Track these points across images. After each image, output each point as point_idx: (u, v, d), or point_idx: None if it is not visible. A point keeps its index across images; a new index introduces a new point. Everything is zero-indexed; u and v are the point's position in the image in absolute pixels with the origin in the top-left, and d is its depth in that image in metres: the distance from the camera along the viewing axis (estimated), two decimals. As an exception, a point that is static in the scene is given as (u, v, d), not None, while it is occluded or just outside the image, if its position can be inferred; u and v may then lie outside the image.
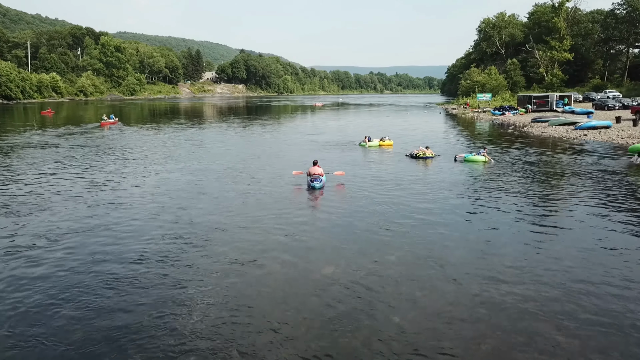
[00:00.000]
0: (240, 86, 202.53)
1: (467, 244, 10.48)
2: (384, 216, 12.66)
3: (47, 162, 21.66)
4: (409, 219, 12.39)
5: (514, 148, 26.18)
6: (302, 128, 42.14)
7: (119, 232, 11.17)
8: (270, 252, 9.90)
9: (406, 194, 15.15)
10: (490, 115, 53.77)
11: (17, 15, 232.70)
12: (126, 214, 12.81)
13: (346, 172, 17.96)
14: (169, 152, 25.15)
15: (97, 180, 17.33)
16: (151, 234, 11.03)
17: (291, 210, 13.40)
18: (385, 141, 27.11)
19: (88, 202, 14.03)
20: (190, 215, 12.57)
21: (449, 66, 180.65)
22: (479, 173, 19.01)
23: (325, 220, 12.53)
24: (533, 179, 17.78)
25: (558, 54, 76.20)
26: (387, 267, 9.16)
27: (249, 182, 17.18)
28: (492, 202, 14.31)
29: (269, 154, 24.90)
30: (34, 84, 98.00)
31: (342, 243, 10.57)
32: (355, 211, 13.22)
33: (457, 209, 13.38)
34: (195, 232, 11.17)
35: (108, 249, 10.09)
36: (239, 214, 12.87)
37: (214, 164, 21.29)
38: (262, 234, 11.09)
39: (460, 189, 16.00)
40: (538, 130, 34.53)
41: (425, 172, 19.60)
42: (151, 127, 42.68)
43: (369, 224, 11.92)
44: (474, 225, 11.89)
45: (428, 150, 22.49)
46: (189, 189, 15.89)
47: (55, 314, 7.27)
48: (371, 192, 15.56)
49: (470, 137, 34.11)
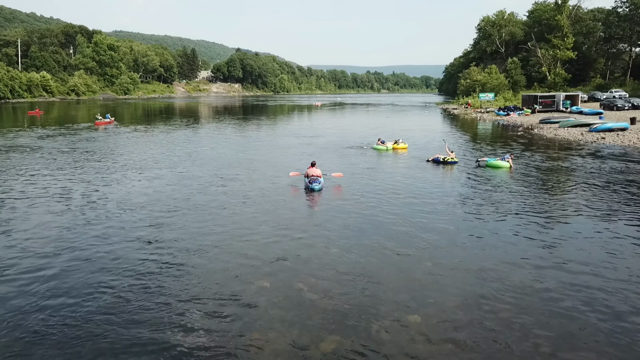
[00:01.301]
0: (236, 85, 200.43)
1: (492, 262, 9.32)
2: (392, 225, 11.78)
3: (27, 166, 20.19)
4: (429, 231, 11.30)
5: (531, 152, 24.26)
6: (304, 130, 39.66)
7: (109, 240, 10.70)
8: (269, 257, 9.62)
9: (421, 202, 14.11)
10: (494, 115, 51.98)
11: (12, 14, 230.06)
12: (118, 219, 12.28)
13: (357, 177, 17.06)
14: (162, 154, 24.22)
15: (83, 185, 16.57)
16: (148, 237, 10.81)
17: (290, 214, 12.94)
18: (400, 144, 25.47)
19: (75, 207, 13.48)
20: (185, 220, 12.18)
21: (447, 65, 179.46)
22: (504, 180, 17.56)
23: (328, 226, 11.73)
24: (561, 189, 16.06)
25: (561, 53, 74.59)
26: (392, 277, 8.77)
27: (246, 186, 16.46)
28: (520, 212, 13.09)
29: (268, 157, 23.27)
30: (24, 83, 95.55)
31: (346, 251, 10.04)
32: (362, 217, 12.43)
33: (482, 221, 12.21)
34: (188, 237, 10.86)
35: (100, 254, 9.80)
36: (235, 216, 12.60)
37: (209, 167, 20.29)
38: (259, 240, 10.69)
39: (483, 197, 14.81)
40: (550, 133, 32.60)
41: (446, 178, 18.20)
42: (143, 127, 41.04)
43: (376, 235, 11.04)
44: (500, 241, 10.65)
45: (452, 154, 20.93)
46: (184, 192, 15.34)
47: (48, 318, 7.17)
48: (380, 198, 14.58)
49: (479, 139, 32.14)
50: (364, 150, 25.35)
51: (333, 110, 77.59)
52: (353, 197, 14.66)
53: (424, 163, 21.12)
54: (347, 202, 14.07)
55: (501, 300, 7.63)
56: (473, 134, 36.37)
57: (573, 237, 10.90)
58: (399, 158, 23.26)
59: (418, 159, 22.37)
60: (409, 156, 23.54)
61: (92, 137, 31.82)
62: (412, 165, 20.88)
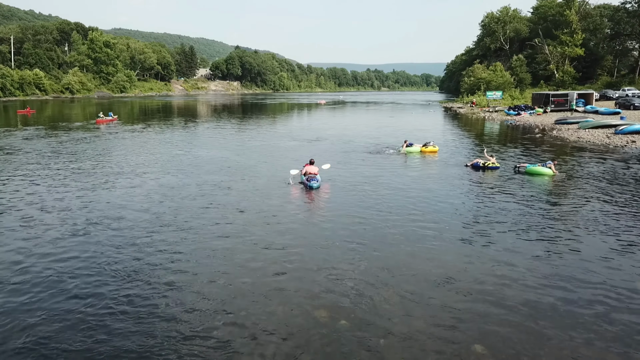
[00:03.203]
0: (235, 83, 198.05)
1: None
2: (425, 238, 10.89)
3: (11, 169, 19.19)
4: (467, 247, 10.21)
5: (559, 157, 21.88)
6: (316, 131, 36.25)
7: (109, 242, 10.45)
8: (271, 258, 9.55)
9: (456, 212, 13.02)
10: (503, 115, 49.71)
11: (10, 11, 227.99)
12: (118, 220, 12.06)
13: (383, 183, 16.40)
14: (159, 154, 23.58)
15: (77, 188, 15.95)
16: (148, 238, 10.67)
17: (295, 215, 12.80)
18: (429, 147, 23.42)
19: (71, 211, 13.04)
20: (185, 220, 11.98)
21: (448, 63, 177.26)
22: (547, 189, 16.10)
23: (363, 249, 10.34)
24: (612, 201, 13.90)
25: (569, 49, 72.36)
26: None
27: (248, 187, 16.10)
28: (570, 225, 11.75)
29: (278, 162, 21.24)
30: (16, 81, 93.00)
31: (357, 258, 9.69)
32: (390, 228, 11.51)
33: (522, 236, 11.01)
34: (187, 238, 10.70)
35: (98, 258, 9.56)
36: (235, 217, 12.44)
37: (209, 168, 19.52)
38: (259, 242, 10.51)
39: (525, 207, 13.56)
40: (571, 135, 30.20)
41: (484, 185, 16.60)
42: (138, 127, 39.13)
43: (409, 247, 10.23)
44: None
45: (493, 159, 19.20)
46: (184, 193, 15.09)
47: (40, 323, 7.04)
48: (410, 206, 13.61)
49: (496, 142, 29.38)
50: (388, 154, 23.36)
51: (337, 109, 75.21)
52: (376, 206, 13.55)
53: (460, 168, 19.54)
54: (367, 210, 13.09)
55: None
56: (488, 136, 33.85)
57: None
58: (431, 162, 21.35)
59: (453, 163, 20.68)
60: (441, 160, 21.70)
61: (84, 138, 30.37)
62: (447, 170, 19.15)
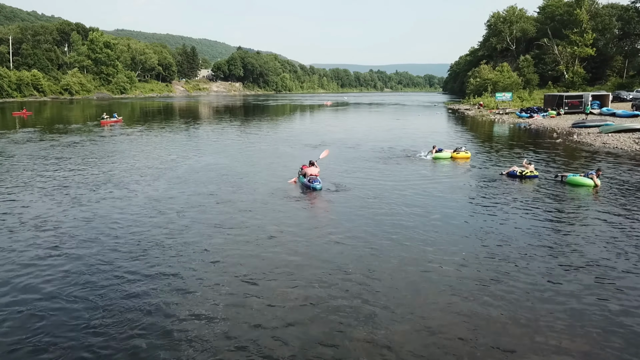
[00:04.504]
0: (237, 84, 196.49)
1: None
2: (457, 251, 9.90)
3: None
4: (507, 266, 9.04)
5: (594, 166, 20.10)
6: (322, 134, 34.25)
7: (110, 246, 10.31)
8: (276, 263, 9.39)
9: (489, 225, 11.99)
10: (515, 117, 47.78)
11: (12, 12, 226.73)
12: (119, 222, 12.03)
13: (411, 190, 15.55)
14: (160, 157, 23.12)
15: (80, 189, 15.90)
16: (150, 240, 10.62)
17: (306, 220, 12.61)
18: (461, 153, 22.07)
19: (75, 213, 12.98)
20: (188, 226, 11.71)
21: (452, 64, 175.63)
22: (589, 201, 14.72)
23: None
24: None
25: (579, 49, 70.37)
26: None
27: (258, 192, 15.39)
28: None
29: (285, 168, 19.63)
30: (13, 82, 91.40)
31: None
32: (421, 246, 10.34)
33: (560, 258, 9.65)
34: (192, 240, 10.65)
35: (98, 263, 9.37)
36: (239, 219, 12.28)
37: (210, 175, 18.58)
38: (265, 244, 10.44)
39: (563, 222, 12.42)
40: (595, 140, 28.04)
41: (520, 196, 15.23)
42: (138, 129, 37.81)
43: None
44: None
45: (531, 167, 17.74)
46: (186, 197, 14.74)
47: (39, 326, 7.00)
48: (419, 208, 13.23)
49: (516, 147, 27.19)
50: (414, 160, 22.11)
51: (341, 111, 73.37)
52: (400, 216, 12.73)
53: (495, 176, 18.28)
54: (390, 222, 12.20)
55: None
56: (505, 141, 31.41)
57: None
58: (462, 170, 19.85)
59: (486, 171, 19.40)
60: (474, 168, 20.30)
61: (86, 140, 29.50)
62: (480, 179, 17.87)
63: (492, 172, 19.09)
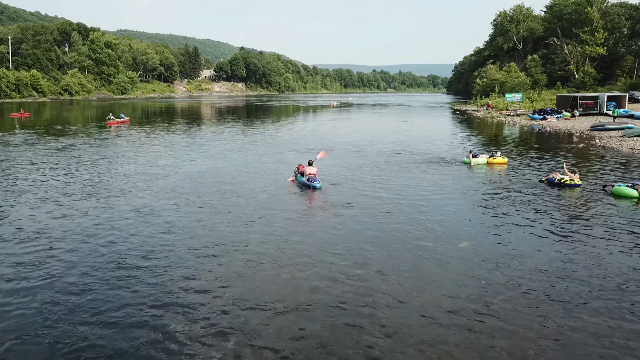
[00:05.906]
0: (239, 84, 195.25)
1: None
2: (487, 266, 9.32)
3: None
4: None
5: (629, 175, 18.51)
6: (328, 137, 32.64)
7: (110, 249, 10.10)
8: (279, 264, 9.28)
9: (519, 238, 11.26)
10: (527, 119, 46.13)
11: (15, 13, 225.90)
12: (120, 223, 11.98)
13: (446, 195, 15.27)
14: (161, 158, 23.15)
15: (82, 191, 15.81)
16: (153, 242, 10.56)
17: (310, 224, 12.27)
18: (497, 158, 21.25)
19: (76, 214, 12.88)
20: (190, 227, 11.72)
21: (456, 64, 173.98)
22: (632, 215, 13.21)
23: None
24: None
25: (590, 48, 68.65)
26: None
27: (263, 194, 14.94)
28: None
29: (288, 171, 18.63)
30: (12, 82, 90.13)
31: None
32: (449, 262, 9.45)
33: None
34: (193, 240, 10.68)
35: (99, 266, 9.16)
36: (243, 222, 12.10)
37: (213, 179, 18.21)
38: (269, 244, 10.37)
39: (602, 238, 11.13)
40: (621, 145, 26.07)
41: (557, 205, 14.19)
42: (140, 131, 36.88)
43: None
44: None
45: (575, 176, 16.43)
46: (188, 199, 14.61)
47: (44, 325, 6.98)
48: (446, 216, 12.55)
49: (539, 152, 25.20)
50: (448, 164, 21.45)
51: (344, 112, 71.80)
52: (437, 224, 12.22)
53: (533, 183, 17.31)
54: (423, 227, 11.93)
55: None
56: (529, 146, 29.11)
57: None
58: (498, 176, 19.14)
59: (525, 178, 18.31)
60: (511, 174, 19.36)
61: (94, 142, 29.17)
62: (519, 186, 16.87)
63: (531, 179, 18.03)
